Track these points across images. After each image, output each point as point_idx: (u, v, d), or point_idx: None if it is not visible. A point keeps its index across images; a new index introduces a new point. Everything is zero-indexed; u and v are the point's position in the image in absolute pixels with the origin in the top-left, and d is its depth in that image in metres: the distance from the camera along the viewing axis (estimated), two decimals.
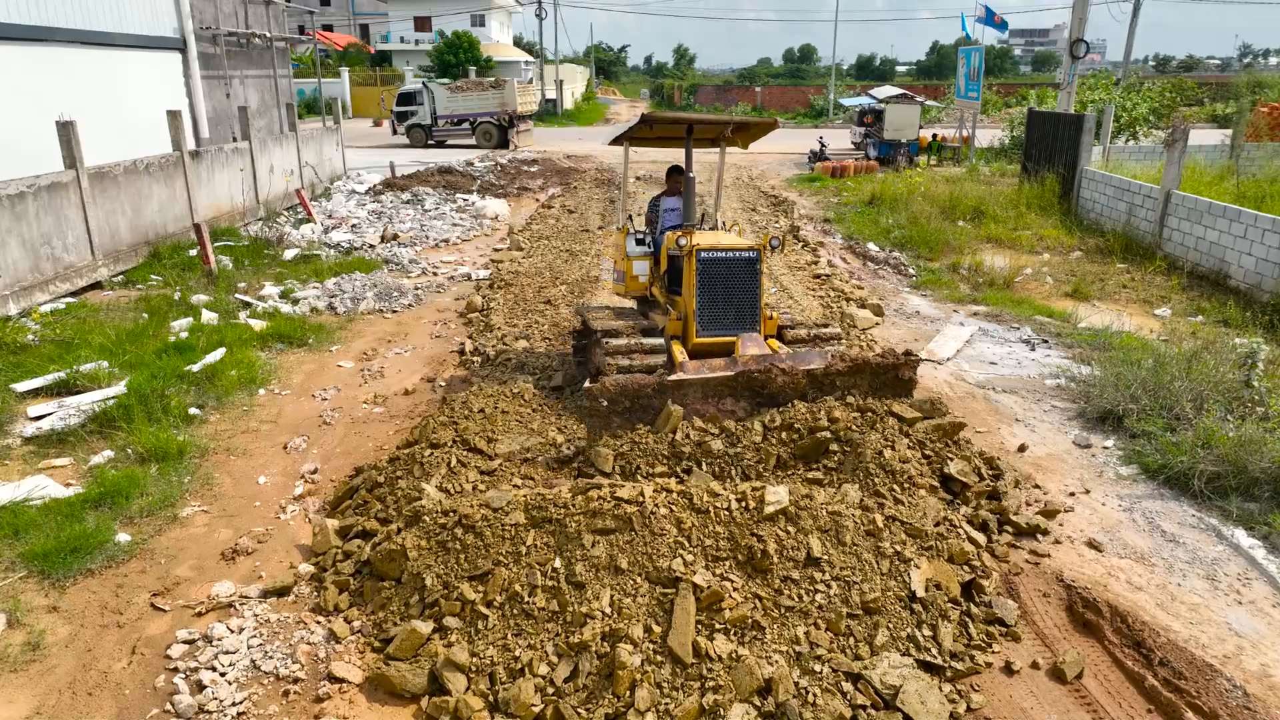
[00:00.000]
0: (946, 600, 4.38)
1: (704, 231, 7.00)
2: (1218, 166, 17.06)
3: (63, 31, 13.44)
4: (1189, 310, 10.37)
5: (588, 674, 3.86)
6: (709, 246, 6.26)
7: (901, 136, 25.27)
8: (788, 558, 4.35)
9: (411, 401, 7.55)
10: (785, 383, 5.65)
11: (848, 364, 5.80)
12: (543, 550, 4.39)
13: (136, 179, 12.05)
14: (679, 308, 6.56)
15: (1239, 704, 3.88)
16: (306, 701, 3.97)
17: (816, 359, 5.91)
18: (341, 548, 5.00)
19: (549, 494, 4.70)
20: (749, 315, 6.36)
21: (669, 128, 7.33)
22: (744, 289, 6.33)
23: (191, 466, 6.20)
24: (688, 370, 5.73)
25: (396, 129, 33.30)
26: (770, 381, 5.64)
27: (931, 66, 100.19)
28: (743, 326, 6.31)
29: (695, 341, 6.27)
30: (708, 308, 6.29)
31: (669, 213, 7.43)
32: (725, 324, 6.31)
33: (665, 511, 4.47)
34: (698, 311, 6.27)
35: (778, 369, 5.65)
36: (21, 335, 8.39)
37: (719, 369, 5.75)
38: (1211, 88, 43.78)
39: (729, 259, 6.27)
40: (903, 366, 5.90)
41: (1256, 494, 5.66)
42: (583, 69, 76.13)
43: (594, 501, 4.52)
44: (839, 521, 4.54)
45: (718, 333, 6.28)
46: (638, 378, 5.63)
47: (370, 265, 12.44)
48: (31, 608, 4.57)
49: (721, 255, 6.25)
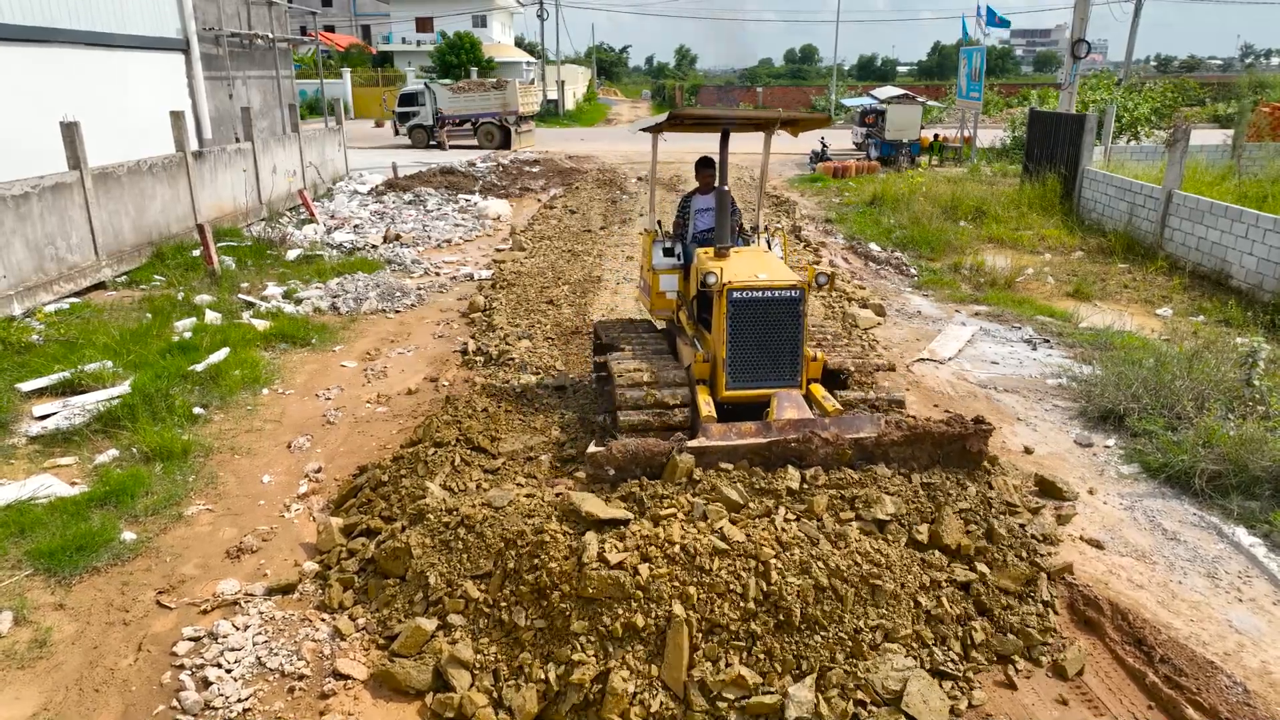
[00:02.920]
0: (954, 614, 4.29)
1: (739, 255, 5.95)
2: (1219, 166, 17.06)
3: (66, 32, 13.47)
4: (1190, 310, 10.39)
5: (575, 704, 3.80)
6: (743, 285, 5.35)
7: (903, 137, 25.29)
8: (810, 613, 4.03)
9: (414, 401, 7.57)
10: (828, 454, 4.77)
11: (904, 433, 4.86)
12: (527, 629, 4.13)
13: (140, 179, 12.09)
14: (707, 346, 5.73)
15: (1239, 700, 3.90)
16: (311, 698, 3.99)
17: (867, 425, 4.97)
18: (346, 546, 5.03)
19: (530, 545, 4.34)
20: (788, 365, 5.49)
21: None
22: (782, 334, 5.44)
23: (196, 466, 6.23)
24: (711, 435, 4.87)
25: (398, 130, 33.35)
26: (810, 453, 4.75)
27: (933, 67, 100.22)
28: (780, 378, 5.46)
29: (724, 394, 5.46)
30: (740, 355, 5.44)
31: (701, 214, 6.65)
32: (760, 375, 5.46)
33: (665, 581, 4.03)
34: (728, 360, 5.43)
35: (819, 438, 4.74)
36: (26, 335, 8.43)
37: (749, 435, 4.86)
38: (1213, 88, 43.74)
39: (766, 299, 5.37)
40: (971, 437, 4.87)
41: (1257, 492, 5.68)
42: (584, 70, 76.21)
43: (583, 573, 4.06)
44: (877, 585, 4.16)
45: (751, 384, 5.46)
46: (651, 444, 4.75)
47: (373, 265, 12.47)
48: (38, 605, 4.59)
49: (758, 295, 5.36)
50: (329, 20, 60.75)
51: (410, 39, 60.99)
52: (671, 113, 6.06)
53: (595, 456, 4.70)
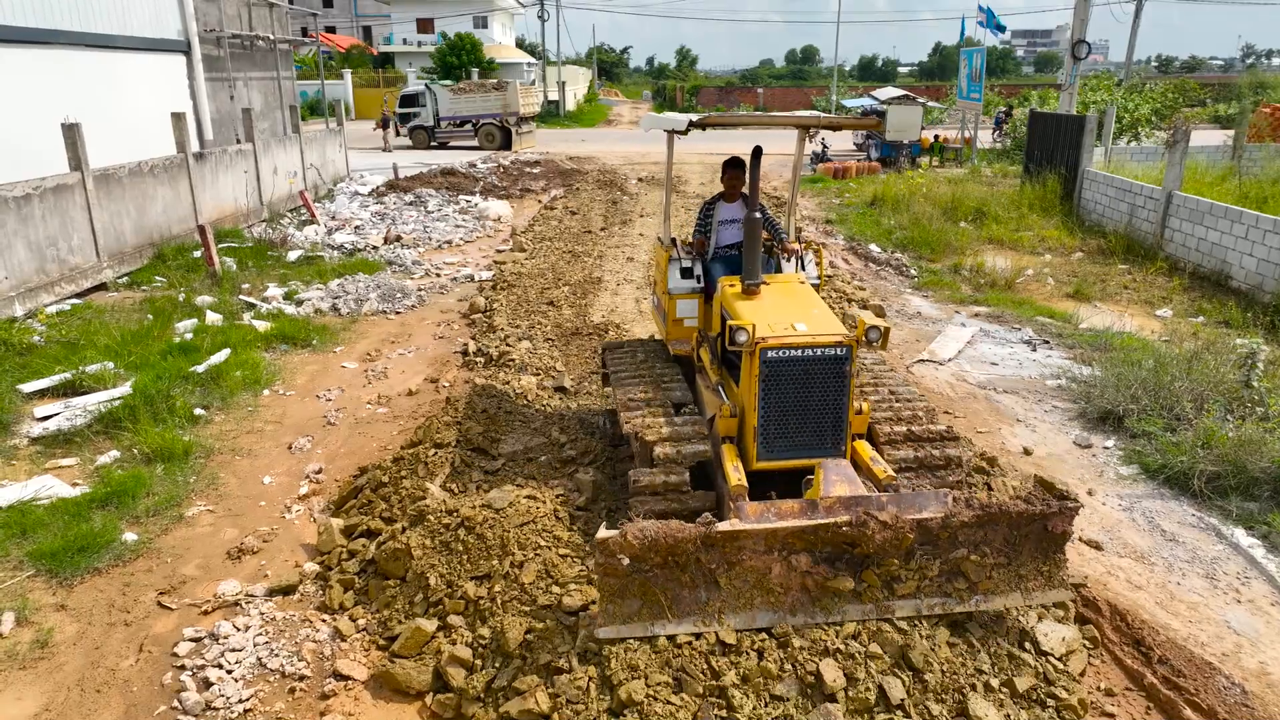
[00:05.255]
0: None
1: (772, 292, 5.14)
2: (1219, 167, 17.07)
3: (67, 34, 13.50)
4: (1190, 311, 10.39)
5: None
6: (779, 343, 4.48)
7: (903, 137, 25.29)
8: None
9: (415, 402, 7.59)
10: (886, 539, 3.93)
11: (976, 513, 4.06)
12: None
13: (141, 181, 12.11)
14: (734, 397, 4.88)
15: (1237, 701, 3.91)
16: (312, 699, 4.01)
17: (932, 502, 4.16)
18: (346, 547, 5.05)
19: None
20: (831, 433, 4.62)
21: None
22: (825, 398, 4.59)
23: (197, 466, 6.24)
24: (746, 517, 4.06)
25: (400, 131, 33.36)
26: (865, 539, 3.92)
27: (934, 67, 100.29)
28: (823, 447, 4.61)
29: (756, 467, 4.61)
30: (775, 423, 4.59)
31: (726, 225, 5.83)
32: (797, 443, 4.63)
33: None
34: (760, 428, 4.58)
35: (876, 521, 3.94)
36: (28, 336, 8.45)
37: (791, 515, 4.08)
38: (1214, 89, 43.79)
39: (807, 359, 4.52)
40: (1055, 517, 4.06)
41: (1256, 494, 5.68)
42: (585, 70, 76.26)
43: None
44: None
45: (786, 454, 4.63)
46: (673, 528, 3.85)
47: (373, 266, 12.48)
48: (39, 606, 4.61)
49: (796, 354, 4.50)
50: (330, 21, 60.81)
51: (411, 40, 61.00)
52: (692, 120, 5.10)
53: (607, 544, 3.81)
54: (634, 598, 3.90)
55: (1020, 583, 4.15)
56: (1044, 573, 4.17)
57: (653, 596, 3.91)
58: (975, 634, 4.05)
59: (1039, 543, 4.14)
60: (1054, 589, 4.16)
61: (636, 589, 3.89)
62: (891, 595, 4.06)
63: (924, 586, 4.09)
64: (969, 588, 4.11)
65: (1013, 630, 4.12)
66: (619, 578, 3.88)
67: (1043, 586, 4.15)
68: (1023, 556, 4.14)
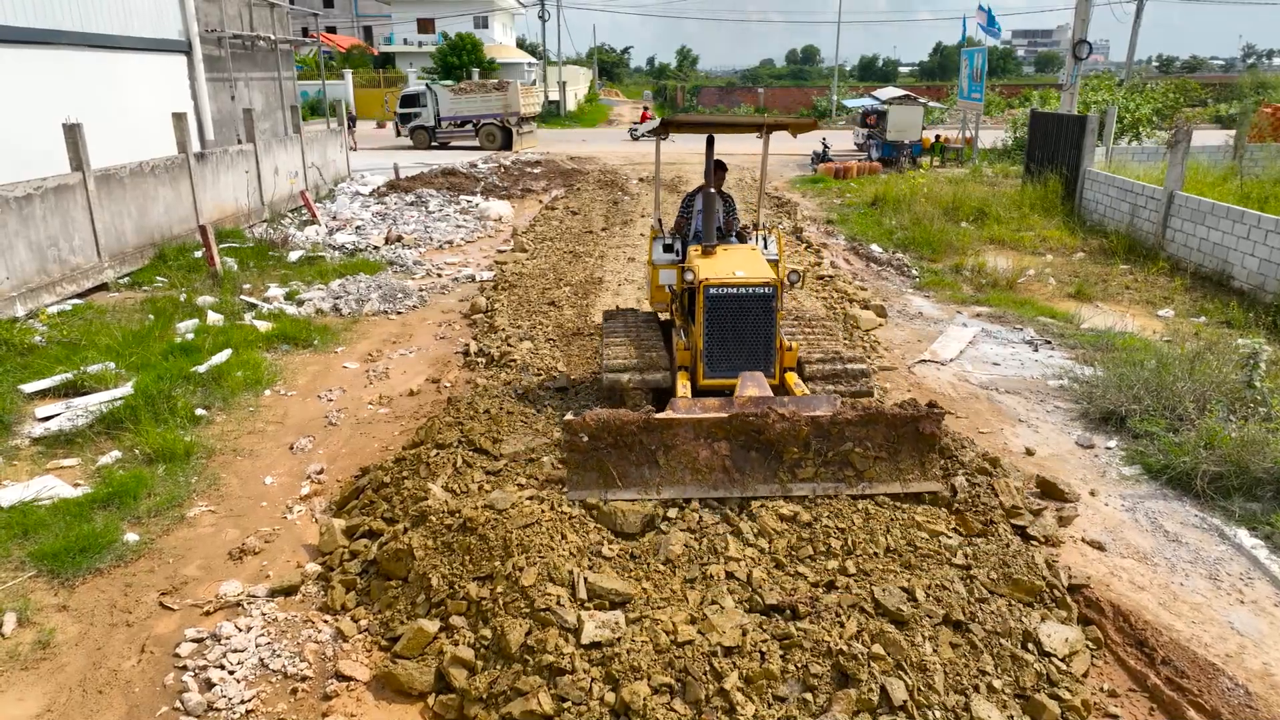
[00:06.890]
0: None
1: (725, 253, 6.38)
2: (1221, 167, 17.06)
3: (68, 34, 13.50)
4: (1192, 311, 10.38)
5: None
6: (718, 281, 5.79)
7: (904, 138, 25.28)
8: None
9: (416, 402, 7.58)
10: (784, 429, 4.98)
11: (858, 413, 5.07)
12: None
13: (142, 181, 12.11)
14: (691, 338, 6.22)
15: (1241, 703, 3.90)
16: (314, 699, 4.00)
17: (823, 405, 5.21)
18: (348, 547, 5.04)
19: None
20: (762, 355, 5.90)
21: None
22: (756, 328, 5.86)
23: (198, 467, 6.24)
24: (677, 409, 5.16)
25: (400, 131, 33.36)
26: (767, 427, 4.99)
27: (934, 67, 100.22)
28: (754, 368, 5.80)
29: (703, 383, 5.91)
30: (717, 346, 5.88)
31: (703, 214, 7.04)
32: (735, 364, 5.84)
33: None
34: (705, 351, 5.88)
35: (776, 414, 5.01)
36: (29, 337, 8.44)
37: (712, 409, 5.16)
38: (1215, 88, 43.78)
39: (740, 295, 5.80)
40: (924, 419, 5.07)
41: (1259, 494, 5.67)
42: (585, 70, 76.25)
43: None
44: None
45: (727, 374, 5.84)
46: (622, 414, 5.06)
47: (374, 267, 12.48)
48: (41, 606, 4.61)
49: (732, 292, 5.78)
50: (331, 21, 60.86)
51: (412, 40, 61.03)
52: (663, 120, 6.62)
53: (570, 424, 5.01)
54: (593, 470, 4.98)
55: (900, 474, 5.10)
56: (920, 466, 5.12)
57: (606, 470, 4.98)
58: (978, 635, 4.05)
59: (914, 443, 5.09)
60: (926, 480, 5.11)
61: (594, 464, 4.98)
62: (794, 479, 5.02)
63: (820, 473, 5.04)
64: (856, 475, 5.05)
65: (1015, 631, 4.12)
66: (581, 453, 4.97)
67: (918, 478, 5.11)
68: (901, 454, 5.09)
